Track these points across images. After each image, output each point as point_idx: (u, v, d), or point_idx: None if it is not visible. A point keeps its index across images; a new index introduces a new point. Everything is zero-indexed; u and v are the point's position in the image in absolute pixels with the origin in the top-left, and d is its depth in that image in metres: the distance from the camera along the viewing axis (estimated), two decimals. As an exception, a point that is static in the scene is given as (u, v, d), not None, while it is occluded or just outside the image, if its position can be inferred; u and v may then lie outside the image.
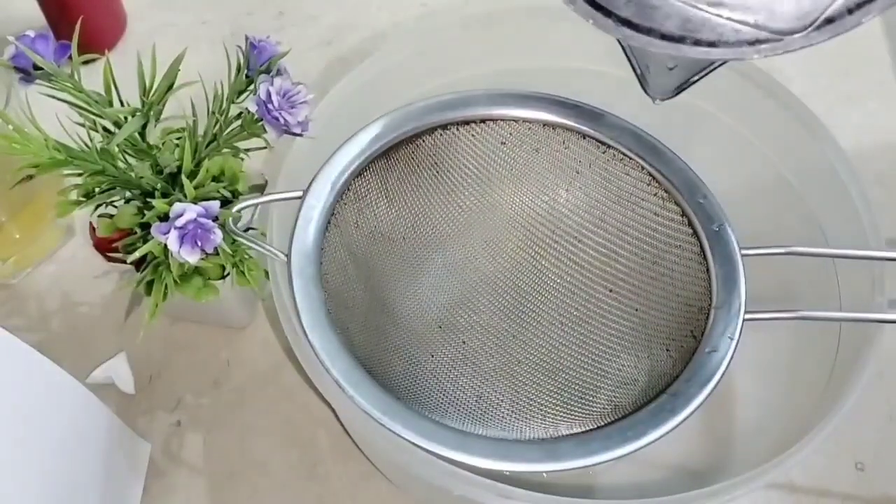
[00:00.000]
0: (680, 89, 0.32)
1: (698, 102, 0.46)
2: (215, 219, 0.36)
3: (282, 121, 0.37)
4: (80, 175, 0.37)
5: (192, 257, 0.35)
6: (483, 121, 0.43)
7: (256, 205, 0.39)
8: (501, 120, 0.43)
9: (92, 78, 0.38)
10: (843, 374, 0.36)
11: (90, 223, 0.42)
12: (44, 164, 0.35)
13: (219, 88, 0.39)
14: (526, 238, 0.45)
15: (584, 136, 0.43)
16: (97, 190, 0.39)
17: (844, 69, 0.61)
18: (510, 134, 0.43)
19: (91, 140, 0.37)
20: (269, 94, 0.36)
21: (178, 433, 0.46)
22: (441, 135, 0.43)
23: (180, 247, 0.35)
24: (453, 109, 0.42)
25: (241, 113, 0.39)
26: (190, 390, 0.47)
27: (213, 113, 0.40)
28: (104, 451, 0.39)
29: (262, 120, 0.37)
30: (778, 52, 0.26)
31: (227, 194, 0.41)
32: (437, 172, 0.44)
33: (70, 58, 0.36)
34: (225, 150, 0.40)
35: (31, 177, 0.36)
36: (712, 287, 0.38)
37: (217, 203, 0.36)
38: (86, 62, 0.37)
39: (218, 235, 0.36)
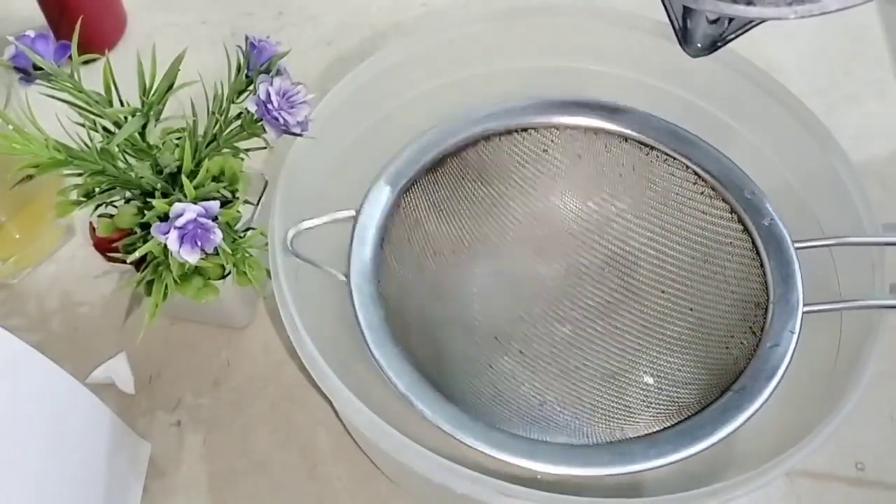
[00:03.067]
0: (715, 47, 0.31)
1: (698, 102, 0.46)
2: (215, 219, 0.36)
3: (281, 121, 0.37)
4: (80, 175, 0.37)
5: (192, 257, 0.35)
6: (525, 129, 0.43)
7: (316, 226, 0.39)
8: (542, 128, 0.43)
9: (92, 78, 0.38)
10: (844, 373, 0.36)
11: (90, 223, 0.42)
12: (44, 164, 0.35)
13: (219, 88, 0.39)
14: (574, 244, 0.45)
15: (626, 138, 0.43)
16: (97, 190, 0.39)
17: (844, 69, 0.61)
18: (552, 141, 0.44)
19: (91, 140, 0.37)
20: (268, 94, 0.36)
21: (178, 433, 0.46)
22: (484, 146, 0.43)
23: (180, 247, 0.35)
24: (495, 120, 0.43)
25: (241, 113, 0.39)
26: (190, 390, 0.47)
27: (213, 113, 0.40)
28: (104, 451, 0.39)
29: (261, 120, 0.37)
30: (814, 13, 0.26)
31: (227, 194, 0.41)
32: (483, 184, 0.44)
33: (70, 58, 0.36)
34: (225, 150, 0.40)
35: (31, 177, 0.36)
36: (768, 282, 0.38)
37: (217, 203, 0.36)
38: (86, 62, 0.37)
39: (218, 235, 0.36)
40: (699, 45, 0.32)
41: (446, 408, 0.34)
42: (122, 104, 0.38)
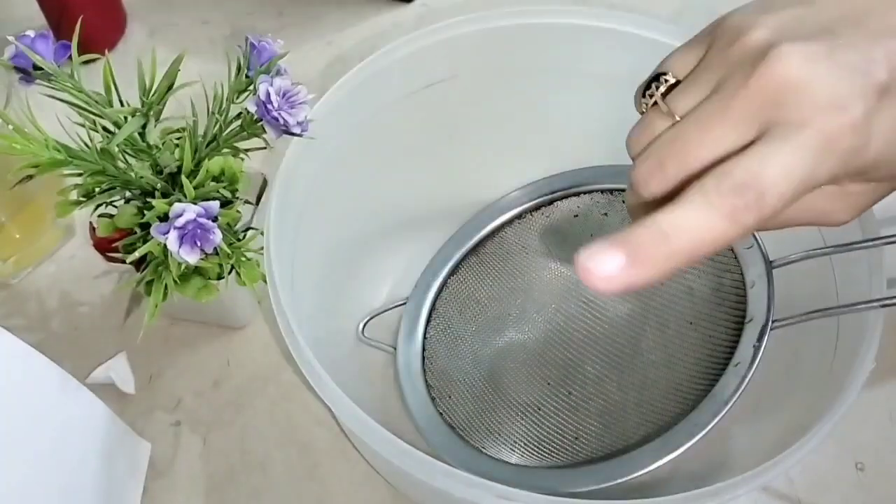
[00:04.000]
0: None
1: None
2: (215, 219, 0.36)
3: (281, 121, 0.37)
4: (80, 175, 0.37)
5: (191, 257, 0.35)
6: (552, 202, 0.50)
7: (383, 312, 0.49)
8: (565, 197, 0.50)
9: (92, 78, 0.38)
10: (841, 372, 0.36)
11: (90, 223, 0.42)
12: (44, 164, 0.35)
13: (219, 88, 0.39)
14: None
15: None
16: (97, 190, 0.39)
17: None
18: (578, 207, 0.49)
19: (91, 140, 0.37)
20: (268, 95, 0.36)
21: (178, 433, 0.46)
22: (518, 223, 0.50)
23: (180, 247, 0.35)
24: (522, 204, 0.50)
25: (240, 113, 0.39)
26: (190, 390, 0.47)
27: (213, 113, 0.39)
28: (104, 451, 0.39)
29: (261, 120, 0.37)
30: None
31: (227, 194, 0.41)
32: (527, 254, 0.49)
33: (70, 58, 0.36)
34: (225, 150, 0.40)
35: (31, 177, 0.36)
36: (747, 302, 0.40)
37: (217, 203, 0.36)
38: (86, 62, 0.37)
39: (218, 235, 0.36)
40: None
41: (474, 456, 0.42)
42: (122, 104, 0.38)
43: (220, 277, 0.42)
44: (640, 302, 0.45)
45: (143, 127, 0.38)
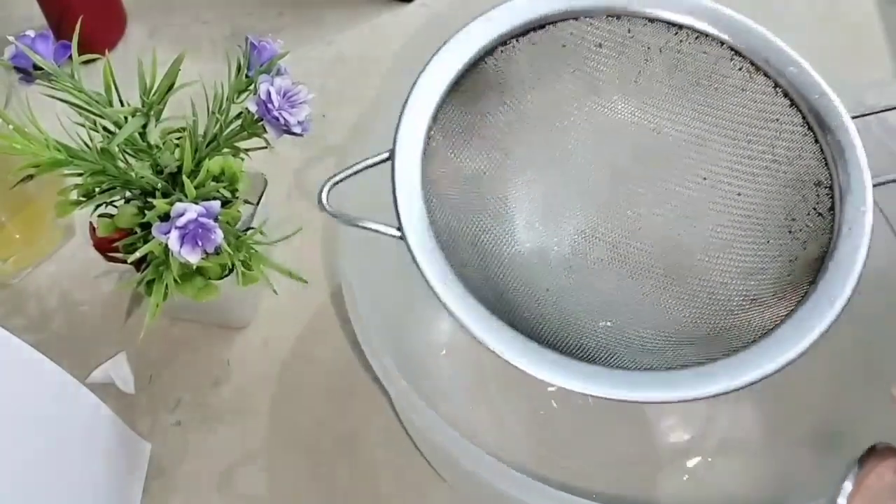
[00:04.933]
0: None
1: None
2: (216, 219, 0.36)
3: (282, 121, 0.37)
4: (80, 175, 0.37)
5: (193, 257, 0.35)
6: (542, 26, 0.40)
7: (350, 175, 0.35)
8: (560, 21, 0.40)
9: (92, 78, 0.38)
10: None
11: (90, 223, 0.42)
12: (44, 163, 0.35)
13: (219, 88, 0.39)
14: (602, 141, 0.42)
15: (651, 20, 0.40)
16: (97, 190, 0.39)
17: (844, 69, 0.61)
18: (570, 34, 0.40)
19: (91, 140, 0.37)
20: (269, 94, 0.36)
21: (178, 433, 0.46)
22: (501, 52, 0.39)
23: (181, 247, 0.35)
24: (509, 22, 0.39)
25: (241, 113, 0.39)
26: (190, 390, 0.47)
27: (214, 113, 0.40)
28: (104, 451, 0.39)
29: (262, 120, 0.37)
30: None
31: (228, 194, 0.41)
32: (503, 92, 0.41)
33: (70, 58, 0.36)
34: (225, 150, 0.40)
35: (31, 177, 0.36)
36: (827, 158, 0.36)
37: (217, 203, 0.36)
38: (86, 62, 0.37)
39: (219, 235, 0.36)
40: None
41: (521, 343, 0.32)
42: (122, 104, 0.38)
43: (222, 277, 0.42)
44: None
45: (144, 127, 0.38)
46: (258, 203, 0.45)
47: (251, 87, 0.39)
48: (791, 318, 0.33)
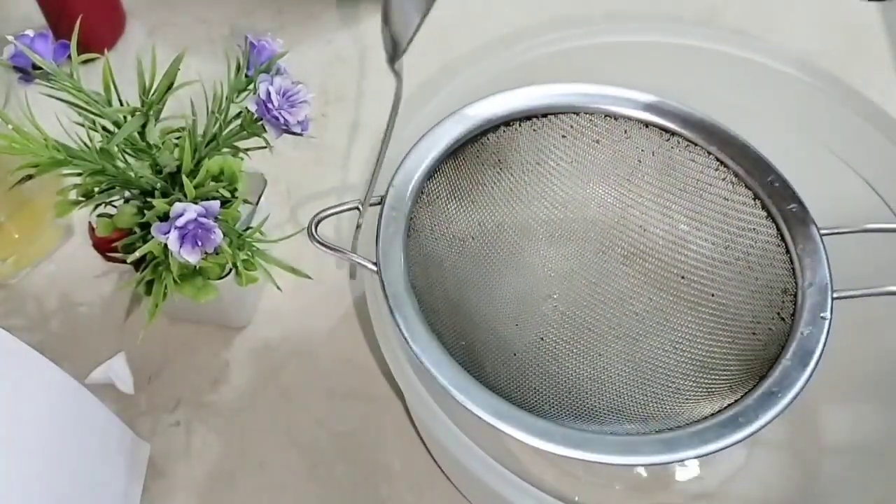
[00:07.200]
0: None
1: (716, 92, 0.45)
2: (216, 219, 0.36)
3: (282, 120, 0.37)
4: (79, 175, 0.37)
5: (192, 257, 0.35)
6: (545, 115, 0.43)
7: (340, 212, 0.39)
8: (562, 113, 0.43)
9: (91, 78, 0.38)
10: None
11: (90, 223, 0.42)
12: (43, 163, 0.35)
13: (218, 88, 0.39)
14: (590, 230, 0.45)
15: (647, 124, 0.42)
16: (97, 190, 0.39)
17: (844, 69, 0.61)
18: (571, 126, 0.43)
19: (91, 140, 0.37)
20: (269, 94, 0.36)
21: (178, 433, 0.46)
22: (504, 131, 0.43)
23: (181, 247, 0.35)
24: (515, 106, 0.43)
25: (240, 112, 0.39)
26: (190, 390, 0.47)
27: (213, 112, 0.39)
28: (104, 452, 0.39)
29: (261, 119, 0.37)
30: None
31: (227, 194, 0.41)
32: (501, 169, 0.44)
33: (69, 57, 0.36)
34: (225, 150, 0.40)
35: (30, 177, 0.36)
36: (795, 268, 0.38)
37: (217, 203, 0.36)
38: (85, 62, 0.37)
39: (218, 235, 0.36)
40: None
41: (488, 399, 0.34)
42: (121, 104, 0.38)
43: (221, 277, 0.42)
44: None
45: (143, 126, 0.38)
46: (258, 203, 0.45)
47: (251, 87, 0.39)
48: (736, 407, 0.35)
